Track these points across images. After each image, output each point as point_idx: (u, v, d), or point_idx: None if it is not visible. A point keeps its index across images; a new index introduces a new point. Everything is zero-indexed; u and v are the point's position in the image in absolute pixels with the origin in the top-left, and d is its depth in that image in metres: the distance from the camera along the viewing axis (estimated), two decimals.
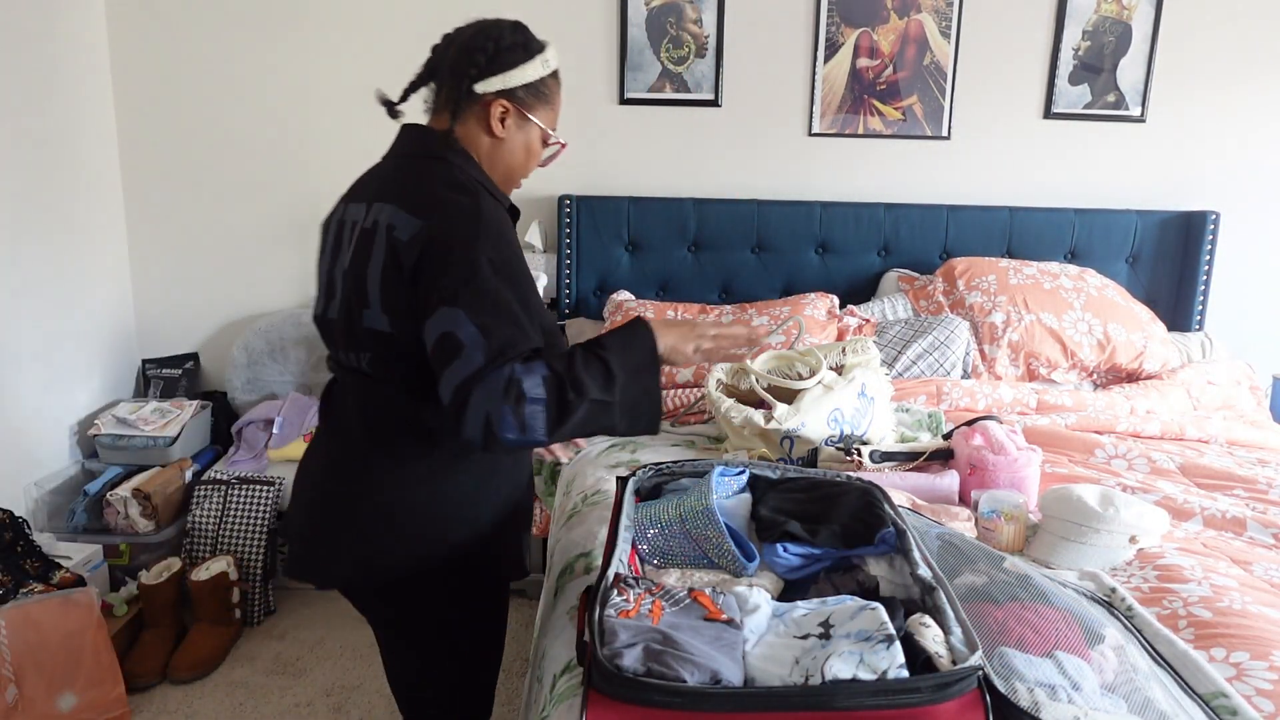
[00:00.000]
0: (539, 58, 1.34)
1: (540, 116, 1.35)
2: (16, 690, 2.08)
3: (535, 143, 1.37)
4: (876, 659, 0.93)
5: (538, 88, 1.34)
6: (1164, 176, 3.11)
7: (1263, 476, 1.96)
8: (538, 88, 1.34)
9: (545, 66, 1.34)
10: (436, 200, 1.24)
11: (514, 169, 1.38)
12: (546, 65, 1.35)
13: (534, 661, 1.49)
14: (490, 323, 1.16)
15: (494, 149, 1.35)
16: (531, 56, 1.33)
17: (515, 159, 1.37)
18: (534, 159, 1.39)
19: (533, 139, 1.36)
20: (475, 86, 1.30)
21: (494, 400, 1.12)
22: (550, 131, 1.37)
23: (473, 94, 1.31)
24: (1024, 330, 2.66)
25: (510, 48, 1.32)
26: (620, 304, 2.83)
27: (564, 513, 1.92)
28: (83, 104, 2.81)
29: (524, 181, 1.43)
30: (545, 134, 1.37)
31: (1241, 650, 1.27)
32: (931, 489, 1.77)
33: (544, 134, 1.37)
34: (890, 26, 2.96)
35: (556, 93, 1.38)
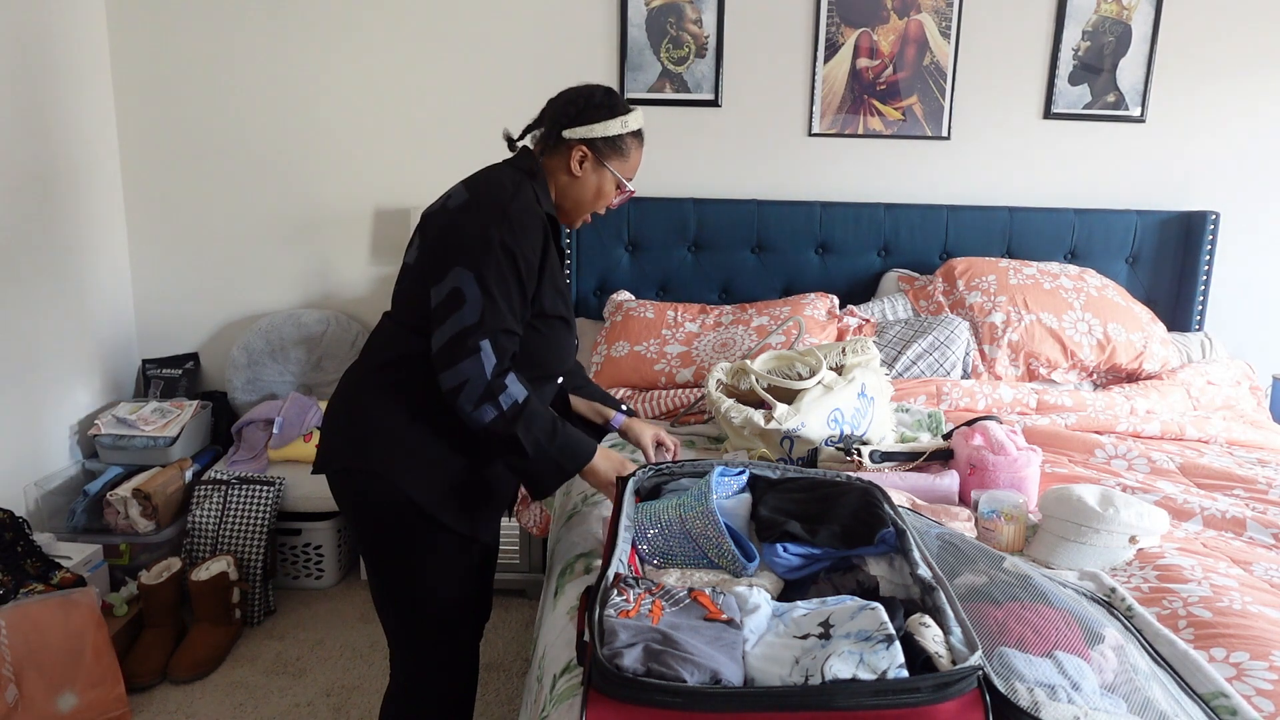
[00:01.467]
0: (619, 119, 1.57)
1: (614, 166, 1.59)
2: (16, 690, 2.08)
3: (606, 186, 1.61)
4: (876, 659, 0.93)
5: (615, 142, 1.58)
6: (1164, 176, 3.11)
7: (1263, 476, 1.96)
8: (615, 142, 1.58)
9: (624, 126, 1.58)
10: (487, 183, 1.53)
11: (582, 204, 1.62)
12: (625, 126, 1.58)
13: (534, 661, 1.49)
14: (494, 292, 1.42)
15: (569, 184, 1.60)
16: (614, 116, 1.57)
17: (585, 196, 1.61)
18: (603, 200, 1.63)
19: (605, 183, 1.61)
20: (564, 132, 1.57)
21: (479, 375, 1.40)
22: (623, 180, 1.61)
23: (561, 138, 1.57)
24: (1024, 330, 2.66)
25: (597, 106, 1.57)
26: (620, 304, 2.83)
27: (564, 513, 1.92)
28: (83, 104, 2.81)
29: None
30: (618, 181, 1.61)
31: (1241, 650, 1.27)
32: (931, 489, 1.77)
33: (616, 181, 1.61)
34: (890, 26, 2.96)
35: (635, 150, 1.61)
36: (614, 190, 1.62)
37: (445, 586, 1.58)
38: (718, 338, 2.59)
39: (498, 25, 2.92)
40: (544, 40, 2.94)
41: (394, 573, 1.57)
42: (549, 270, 1.54)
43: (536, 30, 2.93)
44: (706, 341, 2.58)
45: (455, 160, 2.87)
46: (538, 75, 2.95)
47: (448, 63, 2.96)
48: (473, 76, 2.97)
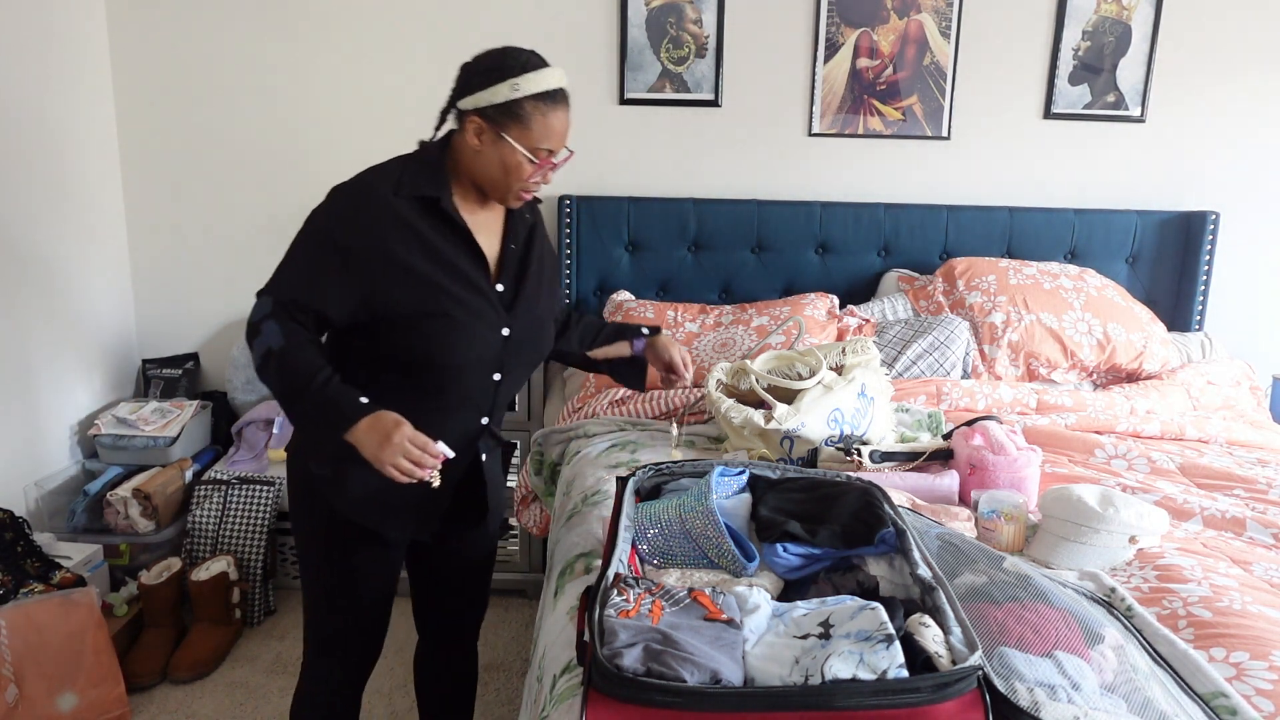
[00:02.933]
0: (508, 82, 1.42)
1: (514, 136, 1.44)
2: (16, 690, 2.08)
3: (511, 158, 1.46)
4: (876, 659, 0.93)
5: (509, 109, 1.43)
6: (1164, 176, 3.11)
7: (1263, 476, 1.96)
8: (509, 109, 1.43)
9: (515, 90, 1.43)
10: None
11: (494, 181, 1.49)
12: (517, 89, 1.43)
13: (534, 661, 1.49)
14: (285, 262, 1.47)
15: (473, 160, 1.49)
16: (501, 80, 1.43)
17: (491, 172, 1.48)
18: (514, 174, 1.47)
19: (508, 156, 1.46)
20: (459, 104, 1.47)
21: (253, 320, 1.45)
22: (525, 152, 1.45)
23: (459, 110, 1.48)
24: (1024, 330, 2.66)
25: (486, 71, 1.45)
26: (620, 304, 2.83)
27: (564, 513, 1.92)
28: (83, 104, 2.81)
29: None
30: (525, 153, 1.45)
31: (1241, 650, 1.27)
32: (931, 489, 1.77)
33: (523, 153, 1.45)
34: (890, 26, 2.96)
35: (539, 116, 1.44)
36: (524, 163, 1.46)
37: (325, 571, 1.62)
38: (718, 338, 2.59)
39: (498, 26, 2.92)
40: (544, 40, 2.93)
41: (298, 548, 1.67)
42: (406, 257, 1.44)
43: (536, 30, 2.93)
44: (706, 341, 2.58)
45: None
46: None
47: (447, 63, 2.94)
48: None
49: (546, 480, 2.33)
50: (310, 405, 1.42)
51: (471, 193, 1.54)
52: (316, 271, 1.44)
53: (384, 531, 1.59)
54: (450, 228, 1.49)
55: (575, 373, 2.80)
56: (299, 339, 1.42)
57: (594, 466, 2.03)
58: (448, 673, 1.87)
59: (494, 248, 1.57)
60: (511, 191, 1.50)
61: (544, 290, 1.64)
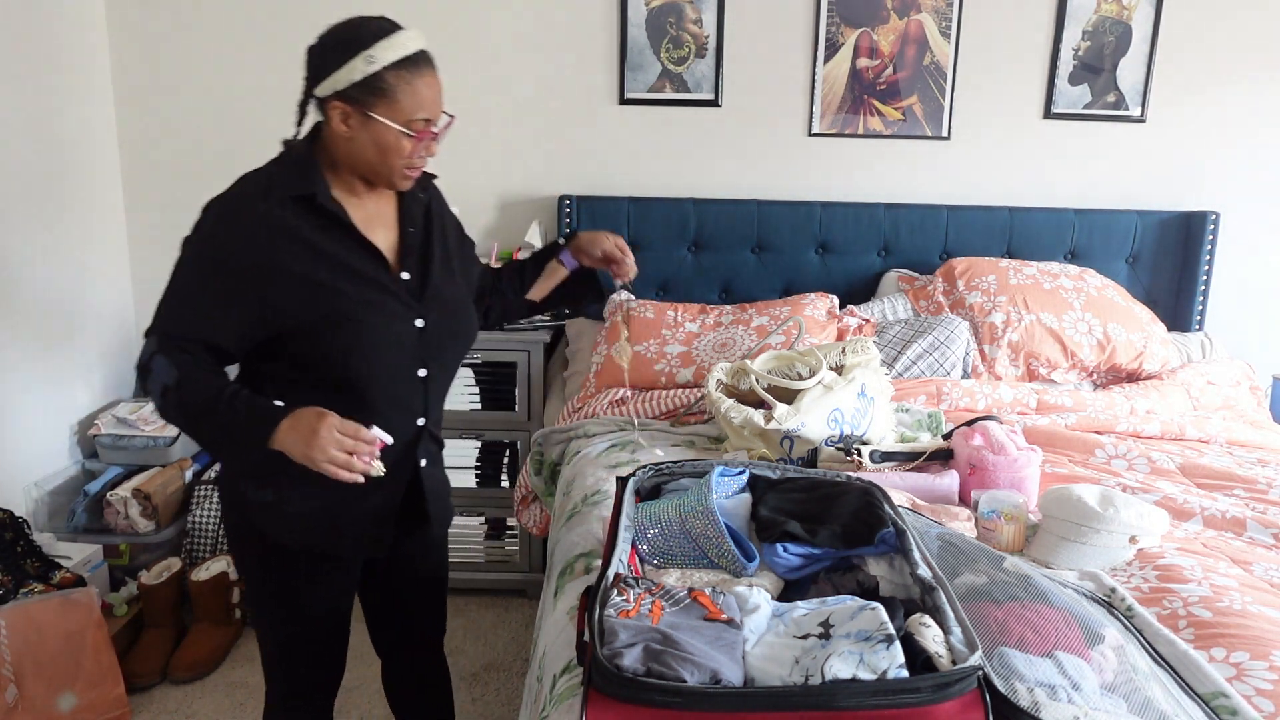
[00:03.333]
0: (360, 56, 1.30)
1: (382, 113, 1.32)
2: (16, 690, 2.08)
3: (386, 137, 1.34)
4: (876, 659, 0.93)
5: (372, 84, 1.31)
6: (1164, 176, 3.11)
7: (1263, 476, 1.96)
8: (372, 84, 1.31)
9: (370, 63, 1.30)
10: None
11: (374, 165, 1.38)
12: (371, 61, 1.30)
13: (534, 661, 1.49)
14: (166, 295, 1.37)
15: (348, 147, 1.37)
16: (353, 55, 1.30)
17: (367, 155, 1.36)
18: (393, 153, 1.36)
19: (382, 135, 1.34)
20: (316, 92, 1.35)
21: (141, 361, 1.36)
22: (399, 127, 1.33)
23: (318, 99, 1.36)
24: (1024, 330, 2.66)
25: (334, 49, 1.33)
26: (620, 304, 2.83)
27: (564, 513, 1.92)
28: (83, 104, 2.81)
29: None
30: (398, 129, 1.33)
31: (1241, 650, 1.27)
32: (931, 489, 1.77)
33: (395, 130, 1.33)
34: (890, 26, 2.96)
35: (404, 85, 1.32)
36: (400, 139, 1.34)
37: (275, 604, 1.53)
38: (718, 338, 2.59)
39: (498, 26, 2.92)
40: (544, 40, 2.94)
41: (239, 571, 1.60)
42: (292, 265, 1.33)
43: (536, 30, 2.93)
44: (706, 341, 2.58)
45: (454, 161, 2.86)
46: (538, 76, 2.95)
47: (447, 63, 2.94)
48: (472, 77, 2.97)
49: (546, 480, 2.33)
50: (223, 425, 1.31)
51: (355, 183, 1.42)
52: (200, 299, 1.34)
53: (337, 553, 1.50)
54: (334, 224, 1.38)
55: (575, 373, 2.80)
56: (193, 367, 1.32)
57: (594, 466, 2.03)
58: (419, 684, 1.79)
59: (391, 236, 1.47)
60: (396, 172, 1.38)
61: (455, 269, 1.53)
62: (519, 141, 3.01)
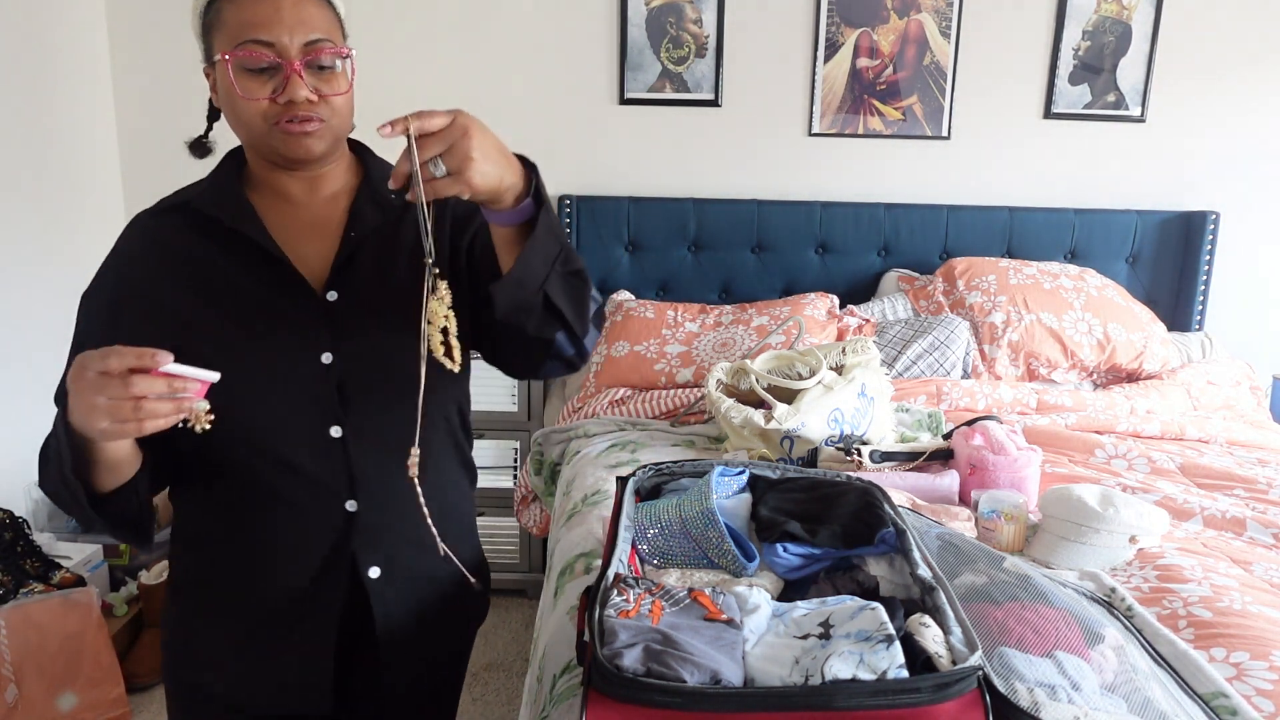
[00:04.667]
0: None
1: (220, 43, 1.04)
2: (16, 690, 2.08)
3: (226, 80, 1.04)
4: (876, 659, 0.93)
5: (209, 26, 1.06)
6: (1164, 176, 3.11)
7: (1263, 476, 1.96)
8: (209, 26, 1.06)
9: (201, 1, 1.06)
10: None
11: (245, 128, 1.07)
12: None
13: (534, 661, 1.49)
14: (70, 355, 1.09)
15: (228, 116, 1.09)
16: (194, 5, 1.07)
17: (232, 113, 1.07)
18: (244, 103, 1.03)
19: (223, 81, 1.05)
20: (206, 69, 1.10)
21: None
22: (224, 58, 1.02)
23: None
24: (1024, 330, 2.66)
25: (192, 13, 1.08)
26: (620, 304, 2.83)
27: (564, 513, 1.92)
28: (83, 104, 2.81)
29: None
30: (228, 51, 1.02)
31: (1241, 650, 1.27)
32: (931, 489, 1.77)
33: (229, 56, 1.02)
34: (890, 26, 2.96)
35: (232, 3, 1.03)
36: (241, 75, 1.02)
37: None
38: (718, 338, 2.59)
39: (497, 26, 2.92)
40: (544, 40, 2.94)
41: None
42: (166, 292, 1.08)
43: (536, 30, 2.93)
44: (706, 341, 2.58)
45: None
46: (538, 76, 2.95)
47: (446, 63, 2.96)
48: (472, 77, 2.97)
49: (546, 480, 2.33)
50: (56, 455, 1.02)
51: (280, 179, 1.14)
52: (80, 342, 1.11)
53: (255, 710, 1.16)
54: (238, 237, 1.09)
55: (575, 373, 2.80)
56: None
57: (594, 466, 2.03)
58: None
59: (327, 244, 1.13)
60: (257, 129, 1.05)
61: (410, 291, 1.02)
62: (519, 141, 2.99)
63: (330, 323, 1.09)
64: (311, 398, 1.08)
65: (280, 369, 1.07)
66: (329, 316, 1.09)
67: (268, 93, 1.03)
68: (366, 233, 1.13)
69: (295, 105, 1.03)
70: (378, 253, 1.14)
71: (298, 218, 1.14)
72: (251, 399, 1.06)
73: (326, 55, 1.05)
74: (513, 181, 0.95)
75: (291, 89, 1.02)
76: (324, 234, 1.14)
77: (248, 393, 1.05)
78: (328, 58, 1.05)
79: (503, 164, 0.93)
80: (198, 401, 0.91)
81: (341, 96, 1.07)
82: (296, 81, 1.02)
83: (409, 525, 1.11)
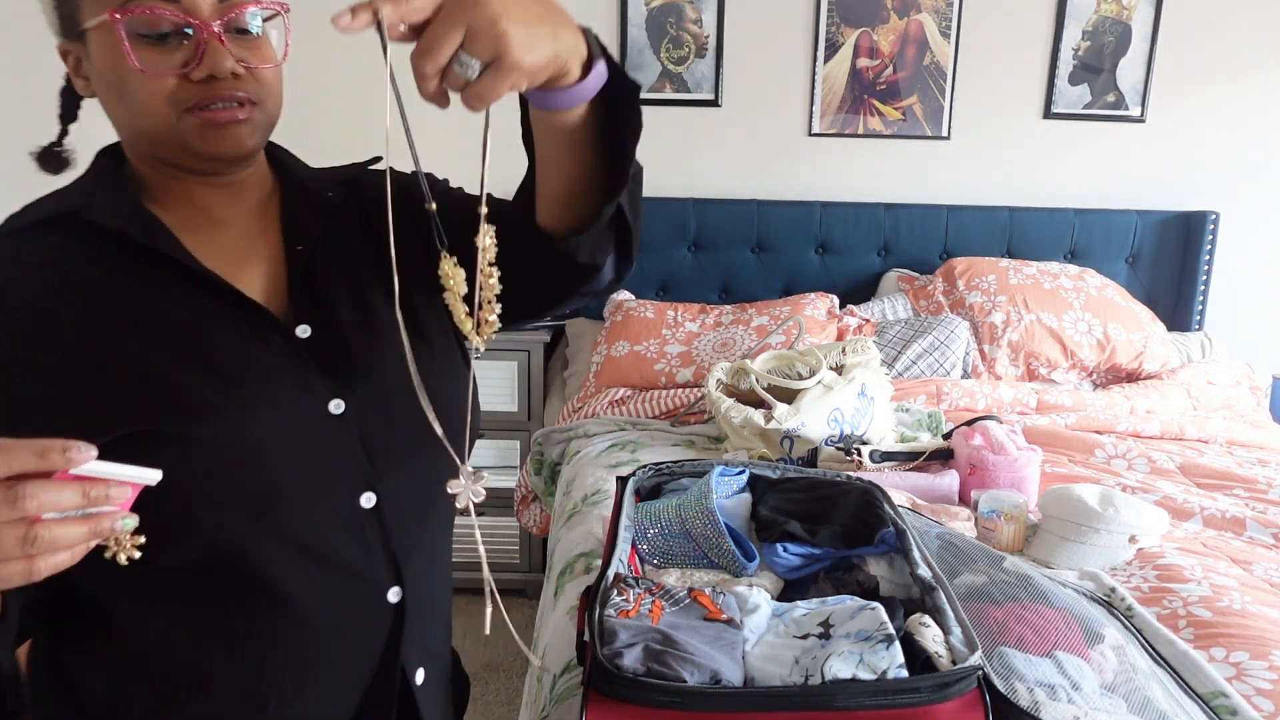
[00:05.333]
0: None
1: (91, 13, 0.75)
2: None
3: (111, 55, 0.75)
4: (876, 659, 0.93)
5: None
6: (1164, 176, 3.11)
7: (1262, 476, 1.96)
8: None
9: None
10: None
11: (137, 118, 0.78)
12: None
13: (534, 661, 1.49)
14: None
15: (111, 112, 0.83)
16: None
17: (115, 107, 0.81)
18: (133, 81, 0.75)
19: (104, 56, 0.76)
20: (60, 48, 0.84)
21: None
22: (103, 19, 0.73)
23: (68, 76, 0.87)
24: (1024, 330, 2.66)
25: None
26: (620, 304, 2.83)
27: (564, 513, 1.92)
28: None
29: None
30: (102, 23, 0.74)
31: (1241, 650, 1.27)
32: (931, 489, 1.77)
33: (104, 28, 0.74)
34: (890, 26, 2.96)
35: None
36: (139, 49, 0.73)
37: None
38: (718, 338, 2.59)
39: None
40: None
41: None
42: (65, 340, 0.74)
43: None
44: (706, 341, 2.58)
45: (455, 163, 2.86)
46: None
47: None
48: None
49: (546, 480, 2.33)
50: None
51: (188, 184, 0.83)
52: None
53: None
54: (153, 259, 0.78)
55: (575, 372, 2.80)
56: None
57: (594, 466, 2.03)
58: None
59: (269, 268, 0.85)
60: (176, 123, 0.76)
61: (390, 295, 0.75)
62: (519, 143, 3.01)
63: (320, 364, 0.82)
64: (333, 461, 0.80)
65: (285, 428, 0.78)
66: (314, 356, 0.82)
67: (175, 67, 0.75)
68: (313, 243, 0.87)
69: (218, 84, 0.76)
70: (333, 265, 0.88)
71: (224, 237, 0.84)
72: (251, 474, 0.76)
73: (252, 12, 0.78)
74: (571, 40, 0.68)
75: (211, 60, 0.75)
76: (261, 256, 0.86)
77: (241, 467, 0.75)
78: (253, 17, 0.78)
79: (549, 21, 0.65)
80: (122, 518, 0.60)
81: (273, 70, 0.82)
82: (218, 50, 0.75)
83: (439, 601, 0.92)
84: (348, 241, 0.90)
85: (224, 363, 0.78)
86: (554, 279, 0.86)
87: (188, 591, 0.78)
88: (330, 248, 0.89)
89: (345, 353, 0.84)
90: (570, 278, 0.86)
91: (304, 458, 0.79)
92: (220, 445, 0.74)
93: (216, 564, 0.77)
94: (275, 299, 0.85)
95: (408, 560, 0.86)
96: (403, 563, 0.85)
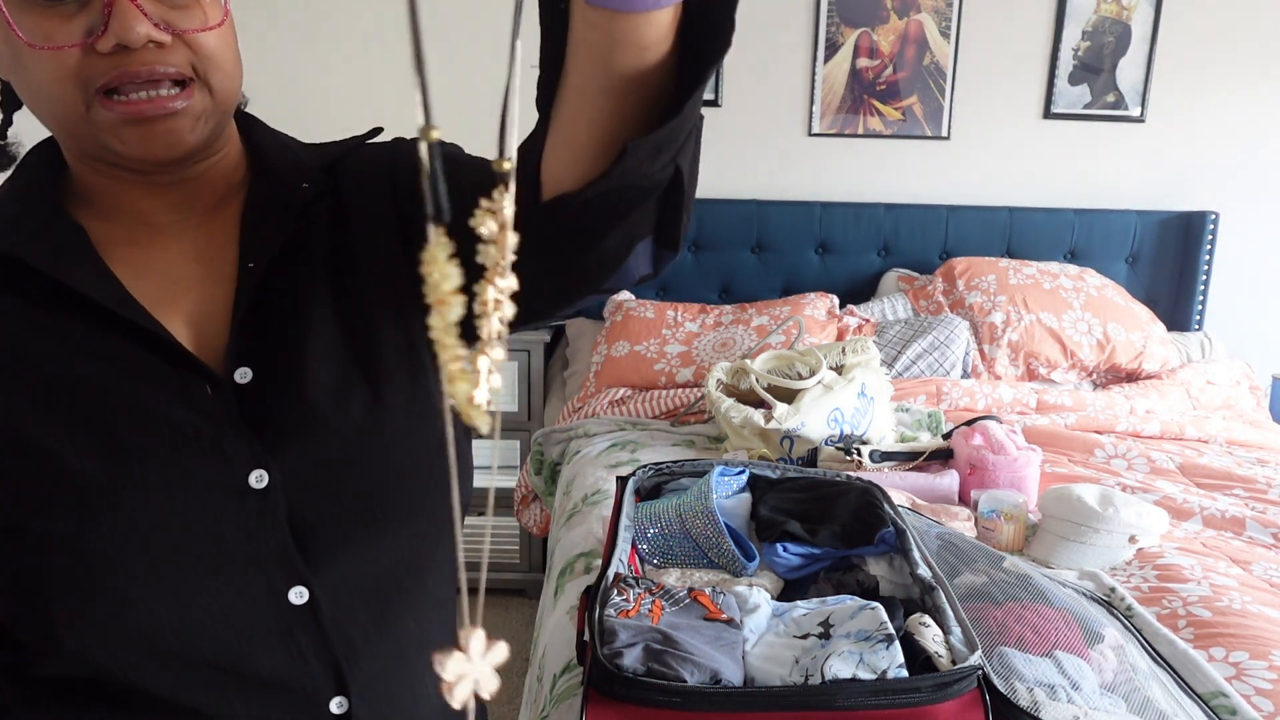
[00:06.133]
0: None
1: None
2: None
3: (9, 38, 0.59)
4: (876, 659, 0.93)
5: None
6: (1164, 176, 3.11)
7: (1262, 476, 1.96)
8: None
9: None
10: None
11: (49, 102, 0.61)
12: None
13: (534, 661, 1.49)
14: None
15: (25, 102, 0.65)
16: None
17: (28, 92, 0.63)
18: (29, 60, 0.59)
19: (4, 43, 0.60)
20: None
21: None
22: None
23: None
24: (1024, 330, 2.66)
25: None
26: (620, 304, 2.83)
27: (564, 513, 1.92)
28: None
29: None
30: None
31: (1241, 650, 1.27)
32: (931, 489, 1.77)
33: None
34: (890, 26, 2.96)
35: None
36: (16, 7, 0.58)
37: None
38: (718, 337, 2.59)
39: (497, 26, 2.92)
40: None
41: None
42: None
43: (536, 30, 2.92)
44: (706, 341, 2.58)
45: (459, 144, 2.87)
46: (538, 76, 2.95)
47: (446, 62, 2.96)
48: (473, 78, 2.97)
49: (546, 480, 2.33)
50: None
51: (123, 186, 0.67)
52: None
53: None
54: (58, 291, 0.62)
55: (575, 372, 2.80)
56: None
57: (594, 466, 2.03)
58: None
59: (216, 289, 0.69)
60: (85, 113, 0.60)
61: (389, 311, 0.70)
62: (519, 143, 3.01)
63: (249, 420, 0.65)
64: (247, 551, 0.64)
65: (180, 515, 0.62)
66: (244, 409, 0.65)
67: (77, 37, 0.58)
68: (272, 257, 0.68)
69: (133, 56, 0.58)
70: (297, 283, 0.70)
71: (166, 254, 0.68)
72: (130, 579, 0.61)
73: None
74: None
75: (120, 23, 0.57)
76: (210, 275, 0.69)
77: (137, 570, 0.61)
78: None
79: None
80: None
81: (214, 33, 0.62)
82: (126, 9, 0.57)
83: (416, 697, 0.74)
84: (317, 250, 0.71)
85: (124, 430, 0.62)
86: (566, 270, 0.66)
87: (87, 705, 0.65)
88: (296, 259, 0.70)
89: (290, 403, 0.66)
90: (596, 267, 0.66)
91: (206, 550, 0.63)
92: (84, 544, 0.58)
93: (106, 678, 0.63)
94: (218, 334, 0.67)
95: (355, 663, 0.68)
96: (348, 667, 0.68)
